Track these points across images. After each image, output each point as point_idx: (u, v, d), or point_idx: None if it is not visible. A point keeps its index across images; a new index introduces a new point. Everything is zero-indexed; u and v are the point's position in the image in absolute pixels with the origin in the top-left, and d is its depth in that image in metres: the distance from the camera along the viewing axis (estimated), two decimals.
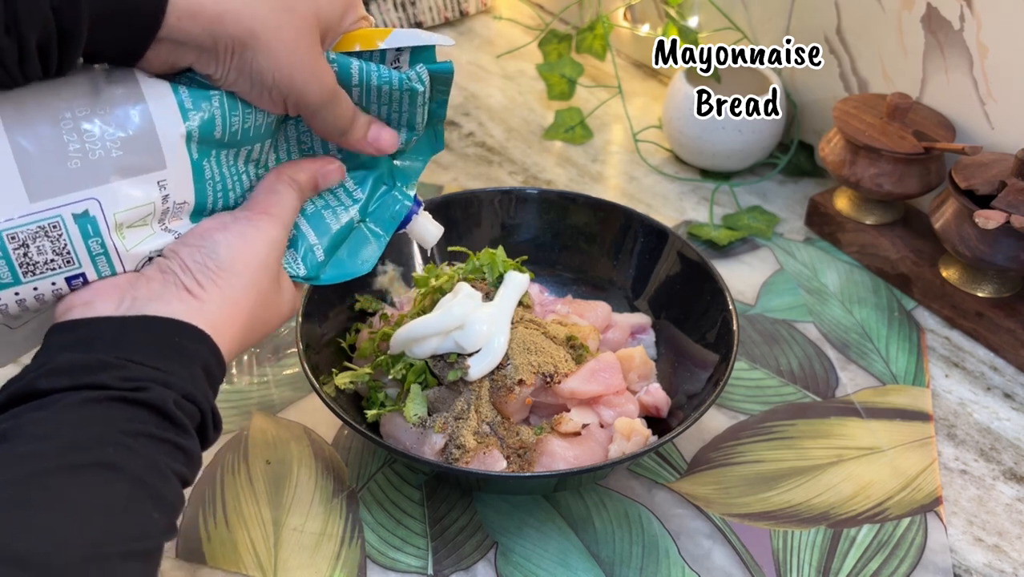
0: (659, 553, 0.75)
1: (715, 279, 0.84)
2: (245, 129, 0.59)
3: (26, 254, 0.53)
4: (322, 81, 0.59)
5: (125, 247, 0.56)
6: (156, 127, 0.55)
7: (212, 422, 0.55)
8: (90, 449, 0.48)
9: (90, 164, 0.53)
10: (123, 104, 0.54)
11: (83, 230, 0.54)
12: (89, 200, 0.53)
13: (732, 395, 0.88)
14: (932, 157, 0.97)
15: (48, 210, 0.53)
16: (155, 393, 0.51)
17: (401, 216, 0.68)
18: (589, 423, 0.77)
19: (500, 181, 1.12)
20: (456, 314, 0.75)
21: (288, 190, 0.62)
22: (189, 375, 0.53)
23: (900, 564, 0.75)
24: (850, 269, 1.01)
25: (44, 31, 0.49)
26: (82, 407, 0.49)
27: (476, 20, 1.40)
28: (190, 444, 0.53)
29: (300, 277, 0.64)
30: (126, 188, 0.54)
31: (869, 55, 1.04)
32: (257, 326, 0.60)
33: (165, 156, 0.55)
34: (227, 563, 0.73)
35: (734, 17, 1.14)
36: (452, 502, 0.78)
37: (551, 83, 1.22)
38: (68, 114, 0.53)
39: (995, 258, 0.89)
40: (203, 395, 0.54)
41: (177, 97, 0.55)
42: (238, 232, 0.59)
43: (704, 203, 1.09)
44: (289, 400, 0.86)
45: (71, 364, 0.51)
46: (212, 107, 0.57)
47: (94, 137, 0.53)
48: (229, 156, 0.59)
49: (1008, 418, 0.87)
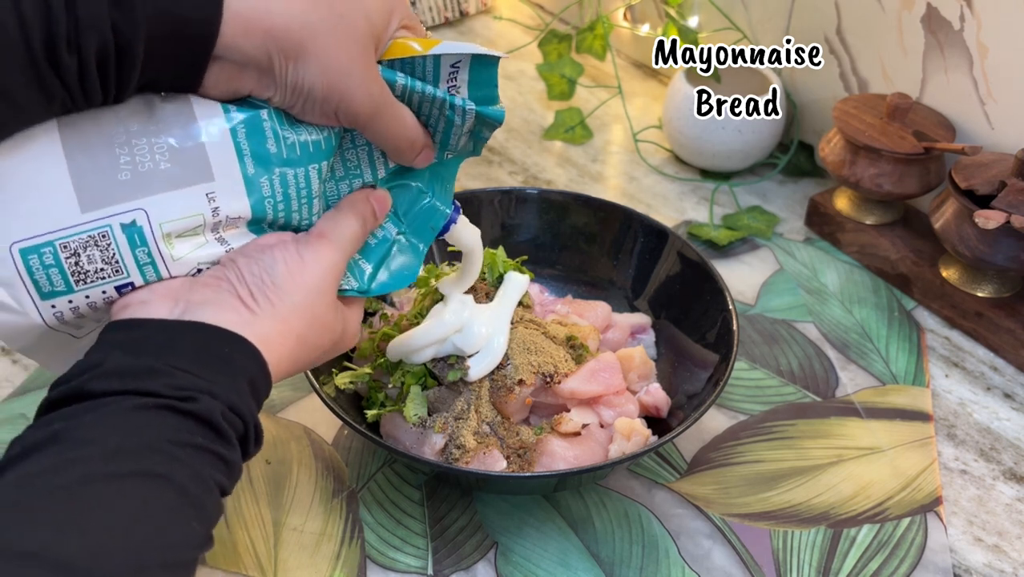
0: (659, 553, 0.75)
1: (715, 279, 0.84)
2: (303, 144, 0.59)
3: (77, 263, 0.55)
4: (370, 91, 0.58)
5: (173, 256, 0.57)
6: (204, 140, 0.56)
7: (254, 436, 0.55)
8: (138, 457, 0.48)
9: (139, 176, 0.55)
10: (173, 118, 0.55)
11: (130, 239, 0.55)
12: (136, 211, 0.55)
13: (732, 395, 0.88)
14: (932, 157, 0.97)
15: (98, 220, 0.55)
16: (203, 404, 0.51)
17: (440, 225, 0.68)
18: (589, 423, 0.77)
19: (500, 181, 1.12)
20: (448, 322, 0.75)
21: (349, 219, 0.62)
22: (235, 387, 0.53)
23: (900, 564, 0.75)
24: (850, 269, 1.01)
25: (103, 46, 0.50)
26: (132, 413, 0.50)
27: (476, 20, 1.40)
28: (233, 456, 0.53)
29: (354, 291, 0.64)
30: (173, 199, 0.56)
31: (869, 55, 1.04)
32: (309, 349, 0.60)
33: (213, 169, 0.56)
34: (227, 563, 0.73)
35: (734, 17, 1.14)
36: (452, 502, 0.78)
37: (551, 83, 1.22)
38: (121, 128, 0.55)
39: (995, 258, 0.89)
40: (247, 408, 0.54)
41: (226, 112, 0.56)
42: (296, 253, 0.59)
43: (704, 203, 1.10)
44: (289, 400, 0.86)
45: (121, 368, 0.51)
46: (261, 120, 0.57)
47: (144, 150, 0.55)
48: (294, 177, 0.59)
49: (1008, 418, 0.87)
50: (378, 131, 0.60)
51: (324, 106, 0.57)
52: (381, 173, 0.65)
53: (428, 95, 0.61)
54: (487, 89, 0.62)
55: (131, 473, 0.48)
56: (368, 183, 0.64)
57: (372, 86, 0.58)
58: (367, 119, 0.58)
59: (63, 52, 0.49)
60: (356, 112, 0.58)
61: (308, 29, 0.54)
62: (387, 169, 0.65)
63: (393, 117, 0.60)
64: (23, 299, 0.55)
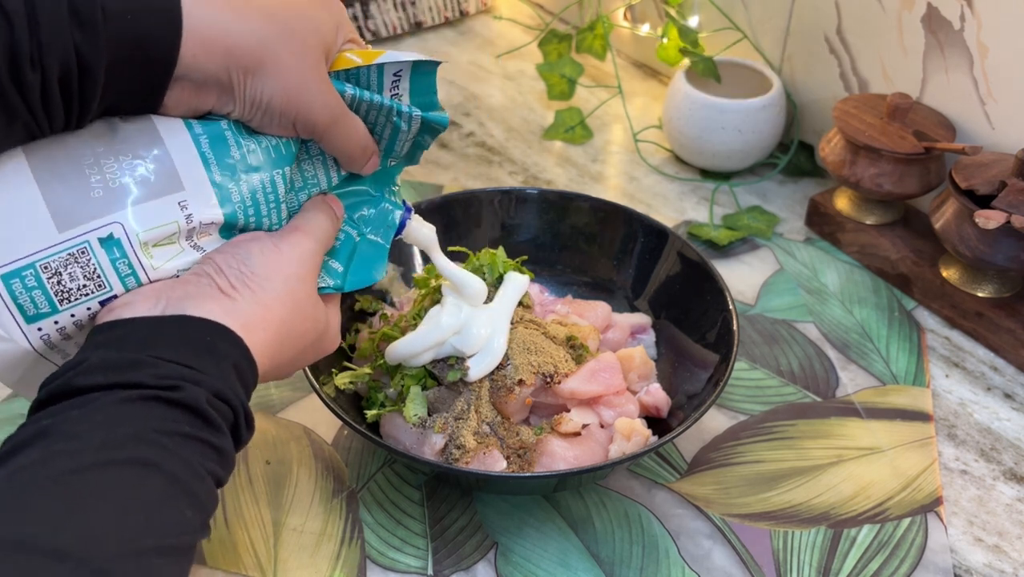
0: (659, 553, 0.75)
1: (715, 279, 0.84)
2: (265, 150, 0.60)
3: (60, 282, 0.56)
4: (327, 102, 0.60)
5: (153, 265, 0.58)
6: (170, 152, 0.57)
7: (245, 422, 0.56)
8: (125, 447, 0.49)
9: (111, 192, 0.56)
10: (137, 136, 0.57)
11: (110, 253, 0.56)
12: (113, 224, 0.56)
13: (732, 395, 0.87)
14: (932, 157, 0.97)
15: (75, 237, 0.55)
16: (189, 392, 0.52)
17: (395, 224, 0.69)
18: (589, 423, 0.77)
19: (500, 181, 1.12)
20: (445, 325, 0.75)
21: (320, 214, 0.63)
22: (220, 374, 0.54)
23: (900, 564, 0.75)
24: (850, 269, 1.01)
25: (65, 66, 0.50)
26: (118, 406, 0.50)
27: (476, 20, 1.40)
28: (223, 443, 0.53)
29: (331, 288, 0.65)
30: (147, 210, 0.57)
31: (869, 55, 1.04)
32: (293, 339, 0.60)
33: (182, 179, 0.57)
34: (227, 563, 0.73)
35: (734, 17, 1.14)
36: (452, 502, 0.78)
37: (551, 83, 1.22)
38: (88, 150, 0.56)
39: (995, 258, 0.89)
40: (235, 394, 0.54)
41: (188, 127, 0.58)
42: (272, 243, 0.60)
43: (704, 203, 1.09)
44: (289, 400, 0.86)
45: (105, 362, 0.52)
46: (223, 130, 0.58)
47: (112, 168, 0.56)
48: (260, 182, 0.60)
49: (1008, 418, 0.87)
50: (334, 140, 0.62)
51: (283, 118, 0.59)
52: (335, 180, 0.66)
53: (376, 103, 0.63)
54: (427, 96, 0.65)
55: (119, 462, 0.48)
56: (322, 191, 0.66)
57: (329, 97, 0.60)
58: (324, 129, 0.60)
59: (26, 70, 0.49)
60: (315, 122, 0.60)
61: (265, 45, 0.56)
62: (339, 176, 0.66)
63: (347, 126, 0.62)
64: (8, 325, 0.55)
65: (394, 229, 0.69)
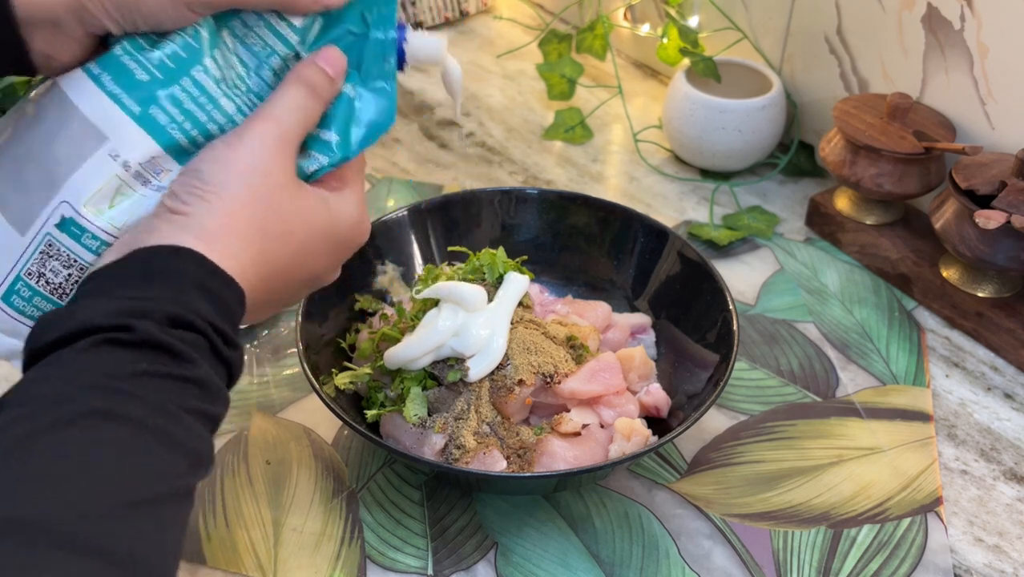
0: (659, 553, 0.75)
1: (715, 279, 0.84)
2: (171, 55, 0.55)
3: (48, 281, 0.56)
4: None
5: (115, 224, 0.56)
6: (78, 106, 0.55)
7: (224, 341, 0.51)
8: (77, 400, 0.45)
9: (47, 175, 0.55)
10: (47, 106, 0.56)
11: (71, 234, 0.55)
12: (60, 205, 0.55)
13: (732, 395, 0.87)
14: (932, 157, 0.97)
15: (37, 235, 0.55)
16: (139, 326, 0.47)
17: (392, 54, 0.60)
18: (589, 423, 0.77)
19: (500, 181, 1.12)
20: (442, 328, 0.75)
21: (290, 90, 0.57)
22: (175, 297, 0.49)
23: (900, 564, 0.75)
24: (850, 269, 1.01)
25: None
26: (69, 360, 0.47)
27: (476, 20, 1.40)
28: (197, 372, 0.49)
29: (327, 165, 0.59)
30: (82, 176, 0.55)
31: (869, 55, 1.04)
32: (277, 237, 0.55)
33: (101, 128, 0.55)
34: (227, 563, 0.73)
35: (734, 17, 1.14)
36: (452, 502, 0.78)
37: (551, 83, 1.22)
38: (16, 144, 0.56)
39: (995, 258, 0.89)
40: (197, 315, 0.50)
41: (86, 70, 0.55)
42: (222, 144, 0.55)
43: (704, 203, 1.09)
44: (289, 400, 0.86)
45: (55, 317, 0.49)
46: (117, 56, 0.55)
47: (38, 148, 0.55)
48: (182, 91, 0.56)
49: (1008, 418, 0.87)
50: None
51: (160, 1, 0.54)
52: (293, 38, 0.59)
53: None
54: None
55: (72, 419, 0.44)
56: (289, 55, 0.59)
57: None
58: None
59: None
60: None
61: None
62: (297, 30, 0.58)
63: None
64: None
65: (394, 64, 0.60)
